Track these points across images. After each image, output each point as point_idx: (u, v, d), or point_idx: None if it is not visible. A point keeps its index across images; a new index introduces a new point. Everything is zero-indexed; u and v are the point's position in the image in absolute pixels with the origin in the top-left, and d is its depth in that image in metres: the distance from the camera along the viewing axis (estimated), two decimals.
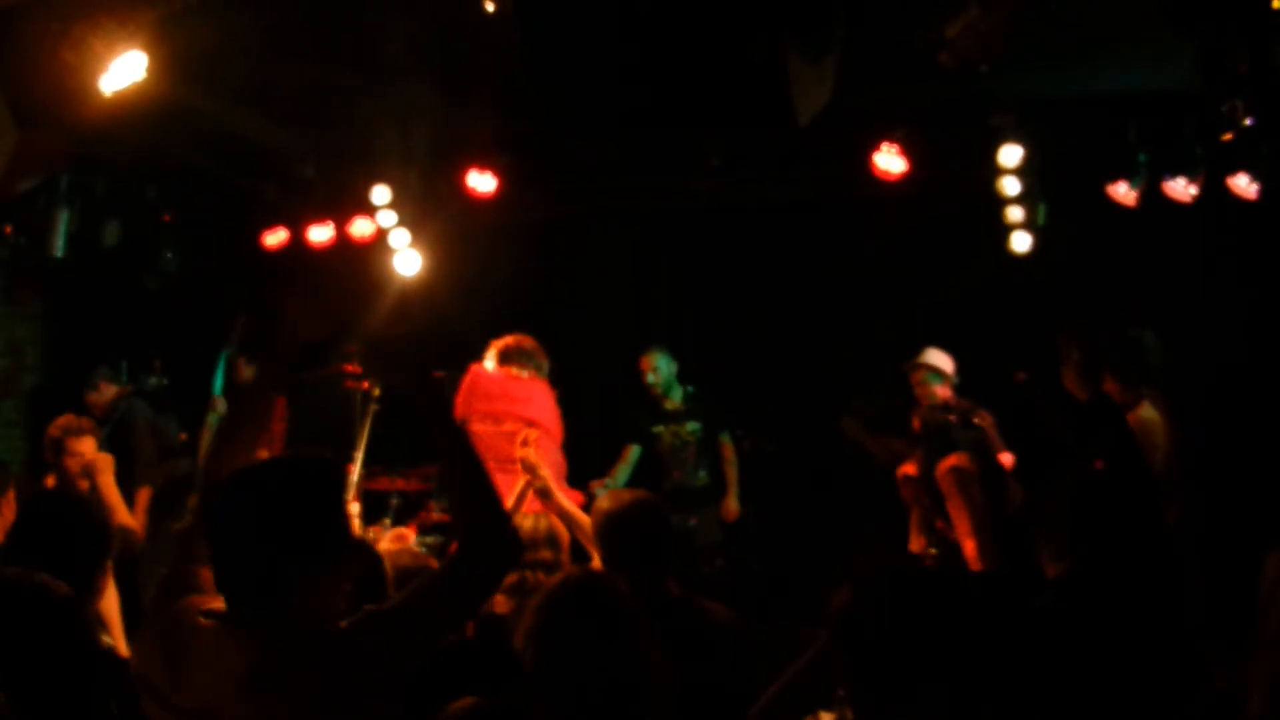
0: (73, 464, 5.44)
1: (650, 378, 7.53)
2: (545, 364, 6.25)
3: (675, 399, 7.58)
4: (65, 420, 5.64)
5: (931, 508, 5.97)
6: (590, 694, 2.56)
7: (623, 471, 7.29)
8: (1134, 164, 6.48)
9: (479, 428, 6.14)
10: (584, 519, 4.41)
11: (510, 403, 6.04)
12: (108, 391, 7.33)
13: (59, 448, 5.50)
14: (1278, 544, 2.86)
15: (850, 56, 5.10)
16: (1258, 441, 6.51)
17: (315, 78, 5.98)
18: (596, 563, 3.99)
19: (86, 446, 5.49)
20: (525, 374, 6.17)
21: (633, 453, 7.39)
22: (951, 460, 5.90)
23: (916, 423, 6.22)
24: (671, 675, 2.69)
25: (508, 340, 6.22)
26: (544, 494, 4.56)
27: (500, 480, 6.06)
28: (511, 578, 4.21)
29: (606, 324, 8.40)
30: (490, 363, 6.22)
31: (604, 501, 3.71)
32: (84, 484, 5.37)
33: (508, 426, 5.98)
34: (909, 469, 6.13)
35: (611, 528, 3.66)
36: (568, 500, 4.53)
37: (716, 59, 5.55)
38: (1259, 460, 6.40)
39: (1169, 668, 3.04)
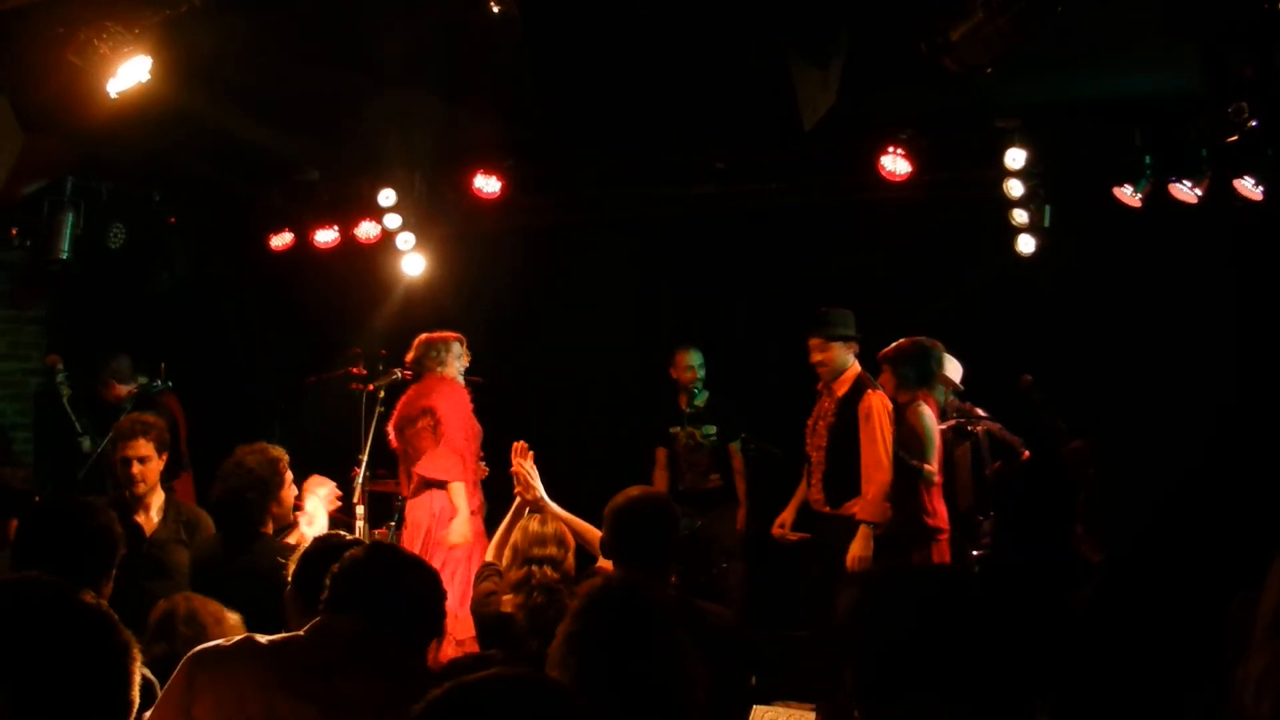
0: (136, 471, 5.08)
1: (687, 373, 7.55)
2: (444, 347, 6.70)
3: (698, 400, 7.59)
4: (123, 421, 5.29)
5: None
6: (631, 701, 2.51)
7: None
8: (1139, 166, 6.47)
9: (405, 431, 6.64)
10: (583, 525, 4.41)
11: (408, 405, 6.63)
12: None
13: (113, 448, 5.19)
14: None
15: (854, 60, 5.09)
16: (1261, 442, 6.50)
17: (320, 82, 5.98)
18: (602, 564, 3.98)
19: (139, 450, 5.09)
20: (429, 374, 6.64)
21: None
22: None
23: None
24: (707, 686, 2.64)
25: (408, 356, 6.78)
26: (537, 509, 4.54)
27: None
28: (518, 574, 4.20)
29: (610, 328, 8.40)
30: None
31: (618, 496, 3.71)
32: (140, 488, 5.09)
33: (421, 424, 6.54)
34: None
35: (621, 522, 3.65)
36: (562, 510, 4.51)
37: (720, 63, 5.54)
38: (1263, 460, 6.38)
39: (1199, 658, 3.13)
